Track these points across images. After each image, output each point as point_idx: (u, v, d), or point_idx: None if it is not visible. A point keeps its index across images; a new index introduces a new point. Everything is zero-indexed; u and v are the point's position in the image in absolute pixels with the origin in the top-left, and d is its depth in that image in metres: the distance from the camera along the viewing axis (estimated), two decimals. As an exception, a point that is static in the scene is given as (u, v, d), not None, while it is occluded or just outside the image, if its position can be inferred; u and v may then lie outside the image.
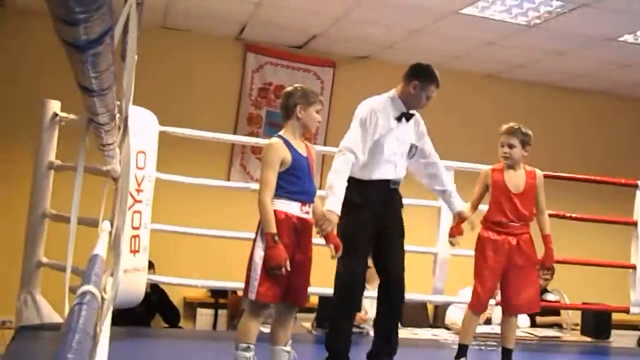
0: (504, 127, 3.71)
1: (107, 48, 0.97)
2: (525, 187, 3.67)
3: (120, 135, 1.63)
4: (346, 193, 3.29)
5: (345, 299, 3.41)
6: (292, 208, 2.89)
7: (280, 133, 3.01)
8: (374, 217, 3.38)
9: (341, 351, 3.35)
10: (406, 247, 3.54)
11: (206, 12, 6.00)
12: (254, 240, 2.89)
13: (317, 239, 3.21)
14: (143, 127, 3.97)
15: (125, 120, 1.46)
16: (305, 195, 2.95)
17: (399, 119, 3.42)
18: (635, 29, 5.55)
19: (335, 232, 3.13)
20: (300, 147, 3.00)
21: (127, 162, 1.49)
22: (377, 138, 3.34)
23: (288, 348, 2.97)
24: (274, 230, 2.80)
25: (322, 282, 5.01)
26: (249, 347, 2.81)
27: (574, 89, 7.44)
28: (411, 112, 3.47)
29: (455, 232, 3.63)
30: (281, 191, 2.88)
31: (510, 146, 3.63)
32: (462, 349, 3.66)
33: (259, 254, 2.83)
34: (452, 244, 3.60)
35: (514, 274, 3.62)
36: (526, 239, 3.66)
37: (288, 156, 2.91)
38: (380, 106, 3.40)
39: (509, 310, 3.72)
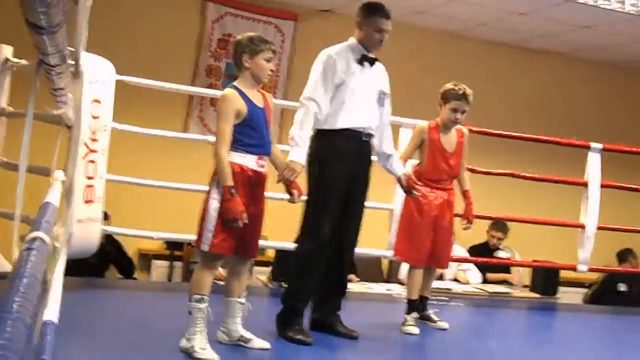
0: (460, 91, 3.72)
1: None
2: (456, 146, 3.81)
3: (72, 79, 1.59)
4: (314, 148, 3.25)
5: (307, 268, 3.33)
6: (247, 161, 2.86)
7: (235, 83, 2.95)
8: (346, 173, 3.32)
9: (296, 322, 3.27)
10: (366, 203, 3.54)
11: (165, -41, 5.85)
12: (208, 191, 2.86)
13: (271, 193, 3.20)
14: (99, 75, 3.88)
15: (77, 63, 1.42)
16: (261, 148, 2.92)
17: (360, 62, 3.36)
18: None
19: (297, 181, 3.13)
20: (256, 97, 2.95)
21: (79, 107, 1.45)
22: (338, 82, 3.27)
23: (243, 300, 2.99)
24: (230, 182, 2.78)
25: (278, 236, 5.04)
26: (202, 298, 2.81)
27: (535, 49, 7.49)
28: (373, 56, 3.41)
29: (412, 183, 3.60)
30: (237, 144, 2.84)
31: (464, 112, 3.73)
32: (412, 304, 3.74)
33: (214, 205, 2.81)
34: (415, 193, 3.59)
35: (444, 229, 3.76)
36: (453, 194, 3.83)
37: (243, 107, 2.86)
38: (337, 50, 3.35)
39: (437, 265, 3.89)
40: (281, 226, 4.96)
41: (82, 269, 4.76)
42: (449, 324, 3.86)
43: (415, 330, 3.65)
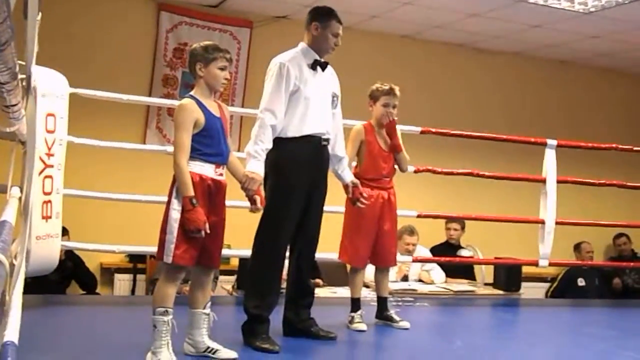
0: (387, 87, 3.81)
1: None
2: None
3: (24, 95, 1.56)
4: (272, 156, 3.24)
5: (265, 274, 3.31)
6: (206, 170, 2.85)
7: (192, 93, 2.93)
8: (305, 179, 3.32)
9: (262, 330, 3.24)
10: (326, 207, 3.55)
11: (117, -31, 5.79)
12: (168, 202, 2.83)
13: (232, 201, 3.19)
14: (52, 88, 3.81)
15: (29, 80, 1.40)
16: (219, 157, 2.91)
17: (313, 67, 3.37)
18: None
19: (261, 189, 3.13)
20: (213, 107, 2.94)
21: (32, 122, 1.43)
22: (293, 90, 3.28)
23: (207, 310, 2.96)
24: (191, 193, 2.76)
25: (241, 244, 5.02)
26: (166, 311, 2.78)
27: (490, 50, 7.59)
28: (324, 60, 3.42)
29: (358, 194, 3.59)
30: (195, 153, 2.83)
31: (395, 107, 3.82)
32: (355, 303, 3.80)
33: (174, 216, 2.78)
34: (363, 204, 3.62)
35: (389, 228, 3.82)
36: (394, 193, 3.87)
37: (201, 117, 2.85)
38: (289, 57, 3.35)
39: (385, 263, 3.92)
40: (244, 234, 4.94)
41: (42, 286, 4.68)
42: (414, 323, 3.89)
43: (363, 326, 3.72)
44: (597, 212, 6.68)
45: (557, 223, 5.15)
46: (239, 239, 4.67)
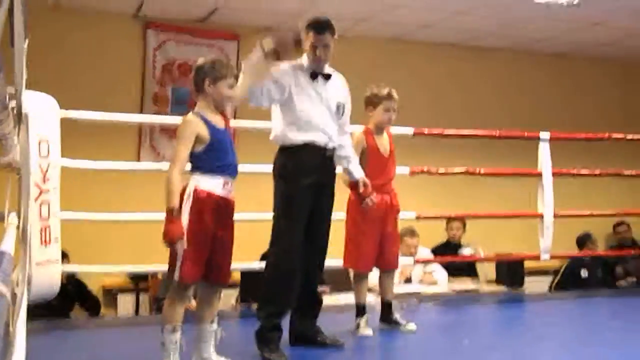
0: (386, 91, 3.79)
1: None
2: (390, 147, 3.88)
3: (16, 123, 1.55)
4: (278, 164, 3.32)
5: (278, 281, 3.31)
6: (214, 186, 2.82)
7: (196, 109, 2.92)
8: (311, 187, 3.32)
9: (272, 339, 3.24)
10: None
11: (101, -10, 5.80)
12: None
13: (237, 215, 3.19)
14: (42, 112, 3.80)
15: (20, 108, 1.39)
16: (228, 169, 2.89)
17: (313, 76, 3.37)
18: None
19: None
20: (217, 120, 2.92)
21: (26, 151, 1.42)
22: (287, 97, 3.30)
23: (215, 326, 2.95)
24: (176, 204, 2.74)
25: (243, 257, 5.00)
26: (174, 328, 2.78)
27: (483, 47, 7.60)
28: (327, 72, 3.42)
29: (368, 193, 3.61)
30: (204, 168, 2.82)
31: (395, 110, 3.80)
32: (361, 308, 3.78)
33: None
34: (369, 205, 3.61)
35: (391, 231, 3.83)
36: (395, 196, 3.88)
37: (204, 132, 2.83)
38: (286, 66, 3.37)
39: (390, 266, 3.92)
40: (245, 247, 4.92)
41: (45, 311, 4.65)
42: (420, 325, 3.87)
43: (369, 332, 3.70)
44: (596, 203, 6.68)
45: (555, 216, 5.15)
46: (241, 251, 4.67)
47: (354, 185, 3.63)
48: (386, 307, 3.92)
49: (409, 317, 3.94)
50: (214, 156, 2.84)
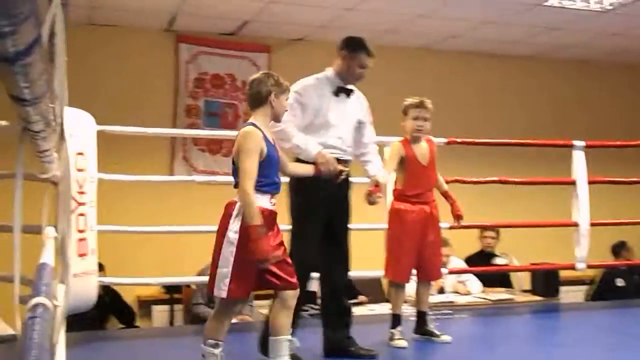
0: (417, 100, 3.79)
1: (36, 57, 0.94)
2: (430, 157, 3.85)
3: (58, 139, 1.59)
4: (293, 177, 3.31)
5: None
6: (262, 201, 2.78)
7: (253, 121, 2.88)
8: (325, 199, 3.35)
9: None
10: (357, 225, 3.57)
11: (133, 6, 5.88)
12: (221, 234, 2.76)
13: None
14: (79, 128, 3.88)
15: (61, 125, 1.43)
16: (274, 186, 2.86)
17: (336, 93, 3.43)
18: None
19: None
20: (269, 135, 2.92)
21: (66, 166, 1.45)
22: (313, 114, 3.34)
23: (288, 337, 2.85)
24: (258, 222, 2.66)
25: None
26: (217, 344, 2.77)
27: (507, 55, 7.56)
28: (350, 87, 3.47)
29: (374, 191, 3.57)
30: (257, 183, 2.76)
31: (426, 119, 3.79)
32: (396, 319, 3.78)
33: (230, 249, 2.70)
34: (371, 203, 3.58)
35: (431, 242, 3.80)
36: (436, 206, 3.86)
37: (264, 147, 2.80)
38: (312, 82, 3.42)
39: (429, 278, 3.93)
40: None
41: (81, 323, 4.71)
42: (455, 336, 3.85)
43: (404, 343, 3.68)
44: (630, 211, 6.58)
45: (591, 224, 5.09)
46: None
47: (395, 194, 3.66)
48: (421, 318, 3.90)
49: (443, 329, 3.91)
50: (265, 173, 2.79)
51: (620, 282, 6.54)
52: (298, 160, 3.30)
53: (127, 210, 5.77)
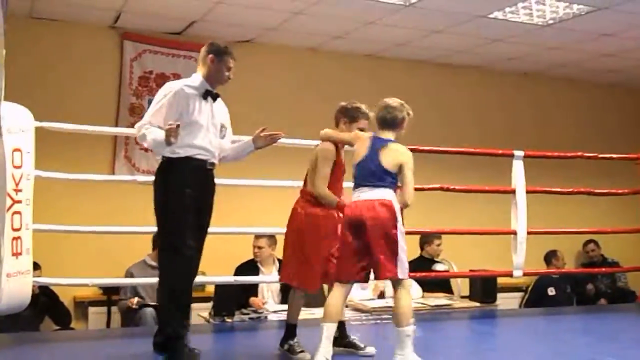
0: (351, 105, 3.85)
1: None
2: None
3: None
4: (160, 176, 3.44)
5: (188, 276, 3.42)
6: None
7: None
8: (191, 199, 3.41)
9: (181, 334, 3.33)
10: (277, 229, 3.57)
11: (77, 0, 5.76)
12: (392, 224, 3.34)
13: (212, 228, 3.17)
14: (17, 123, 3.78)
15: (-3, 119, 1.38)
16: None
17: (204, 96, 3.53)
18: (503, 6, 5.81)
19: None
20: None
21: (2, 162, 1.41)
22: (178, 117, 3.40)
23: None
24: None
25: (216, 271, 4.99)
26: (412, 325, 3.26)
27: (455, 65, 7.68)
28: (216, 92, 3.59)
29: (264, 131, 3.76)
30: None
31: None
32: (293, 329, 3.61)
33: (401, 238, 3.37)
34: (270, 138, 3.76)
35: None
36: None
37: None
38: (179, 85, 3.53)
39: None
40: (218, 261, 4.92)
41: (14, 323, 4.59)
42: (392, 341, 3.85)
43: (307, 356, 3.44)
44: (567, 220, 6.76)
45: (528, 233, 5.21)
46: (214, 265, 4.65)
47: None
48: (341, 328, 3.63)
49: (382, 333, 3.91)
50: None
51: (551, 291, 6.74)
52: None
53: (66, 209, 5.64)
